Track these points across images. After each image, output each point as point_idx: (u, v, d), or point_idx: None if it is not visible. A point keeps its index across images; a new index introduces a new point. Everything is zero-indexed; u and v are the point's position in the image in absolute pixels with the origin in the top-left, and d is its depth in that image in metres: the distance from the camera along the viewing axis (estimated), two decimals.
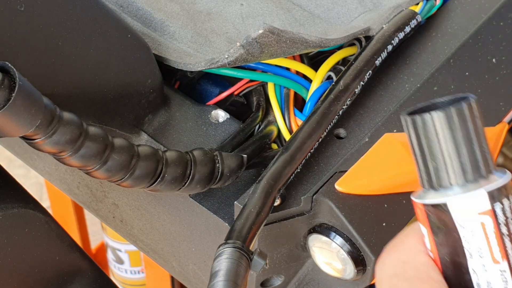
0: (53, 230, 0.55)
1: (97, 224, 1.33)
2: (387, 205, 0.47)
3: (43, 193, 1.61)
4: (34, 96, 0.38)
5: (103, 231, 1.27)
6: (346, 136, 0.50)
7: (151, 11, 0.54)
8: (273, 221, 0.46)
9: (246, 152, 0.49)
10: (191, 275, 0.55)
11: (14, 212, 0.51)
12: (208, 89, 0.55)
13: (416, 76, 0.53)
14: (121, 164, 0.42)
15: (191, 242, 0.52)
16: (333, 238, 0.46)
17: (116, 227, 0.59)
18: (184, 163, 0.45)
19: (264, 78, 0.53)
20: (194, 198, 0.49)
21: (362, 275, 0.47)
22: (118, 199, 0.56)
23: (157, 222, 0.54)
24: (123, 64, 0.48)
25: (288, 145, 0.47)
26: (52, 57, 0.44)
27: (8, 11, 0.40)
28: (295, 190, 0.47)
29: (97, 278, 0.59)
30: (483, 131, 0.33)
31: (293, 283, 0.51)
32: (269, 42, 0.47)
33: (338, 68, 0.55)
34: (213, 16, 0.56)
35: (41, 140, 0.39)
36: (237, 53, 0.47)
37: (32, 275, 0.54)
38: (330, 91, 0.50)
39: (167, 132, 0.52)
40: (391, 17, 0.55)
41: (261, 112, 0.53)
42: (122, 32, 0.48)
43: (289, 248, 0.48)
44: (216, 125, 0.52)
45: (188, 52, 0.52)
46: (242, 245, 0.41)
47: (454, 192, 0.33)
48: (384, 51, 0.53)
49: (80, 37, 0.45)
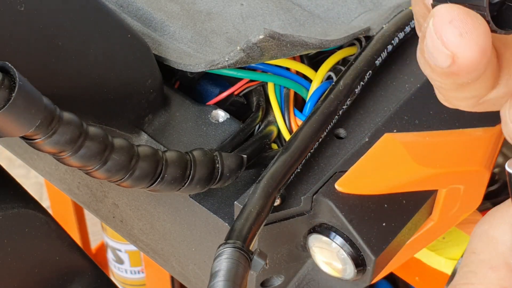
0: (53, 230, 0.55)
1: (97, 224, 1.33)
2: (387, 205, 0.47)
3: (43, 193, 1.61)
4: (34, 96, 0.38)
5: (103, 231, 1.27)
6: (346, 136, 0.50)
7: (151, 11, 0.54)
8: (273, 221, 0.46)
9: (246, 152, 0.49)
10: (191, 275, 0.55)
11: (14, 212, 0.51)
12: (208, 89, 0.55)
13: (416, 76, 0.53)
14: (121, 164, 0.42)
15: (191, 242, 0.52)
16: (333, 238, 0.46)
17: (116, 227, 0.59)
18: (184, 164, 0.45)
19: (264, 78, 0.53)
20: (194, 198, 0.49)
21: (362, 275, 0.47)
22: (118, 199, 0.56)
23: (157, 222, 0.54)
24: (123, 64, 0.48)
25: (288, 145, 0.47)
26: (52, 57, 0.44)
27: (8, 11, 0.40)
28: (295, 190, 0.47)
29: (97, 278, 0.59)
30: None
31: (293, 283, 0.51)
32: (269, 46, 0.47)
33: (338, 68, 0.55)
34: (213, 16, 0.56)
35: (41, 140, 0.39)
36: (237, 56, 0.47)
37: (32, 275, 0.54)
38: (330, 91, 0.50)
39: (167, 132, 0.52)
40: (391, 17, 0.55)
41: (261, 112, 0.53)
42: (122, 32, 0.48)
43: (289, 248, 0.48)
44: (216, 125, 0.52)
45: (188, 52, 0.52)
46: (242, 245, 0.41)
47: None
48: (384, 51, 0.53)
49: (80, 37, 0.45)
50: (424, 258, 0.67)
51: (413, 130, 0.50)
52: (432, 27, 0.30)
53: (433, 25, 0.30)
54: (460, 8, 0.29)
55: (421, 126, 0.51)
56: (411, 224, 0.48)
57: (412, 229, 0.49)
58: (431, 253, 0.67)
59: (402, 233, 0.47)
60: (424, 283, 0.70)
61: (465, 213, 0.55)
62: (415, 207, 0.48)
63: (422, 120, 0.51)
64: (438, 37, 0.30)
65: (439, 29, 0.30)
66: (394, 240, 0.46)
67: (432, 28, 0.30)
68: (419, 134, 0.50)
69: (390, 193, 0.47)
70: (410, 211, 0.48)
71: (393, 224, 0.47)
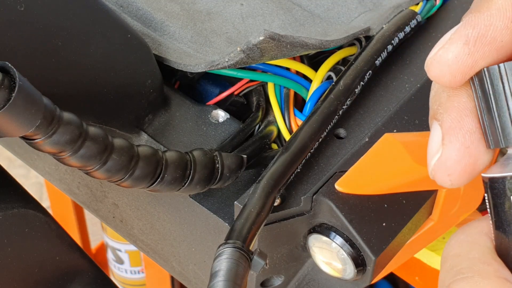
0: (53, 230, 0.55)
1: (97, 224, 1.34)
2: (387, 205, 0.47)
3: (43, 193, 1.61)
4: (34, 96, 0.38)
5: (103, 231, 1.27)
6: (346, 136, 0.50)
7: (151, 11, 0.54)
8: (273, 221, 0.46)
9: (246, 152, 0.49)
10: (191, 275, 0.55)
11: (14, 212, 0.51)
12: (208, 89, 0.55)
13: (416, 76, 0.53)
14: (121, 165, 0.42)
15: (191, 242, 0.52)
16: (333, 238, 0.46)
17: (116, 227, 0.59)
18: (184, 164, 0.45)
19: (264, 78, 0.53)
20: (194, 198, 0.49)
21: (362, 275, 0.47)
22: (118, 199, 0.56)
23: (157, 222, 0.54)
24: (123, 64, 0.48)
25: (288, 145, 0.47)
26: (52, 57, 0.44)
27: (8, 11, 0.40)
28: (295, 190, 0.47)
29: (97, 278, 0.59)
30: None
31: (293, 283, 0.51)
32: (269, 48, 0.47)
33: (338, 68, 0.55)
34: (213, 16, 0.56)
35: (41, 140, 0.39)
36: (237, 57, 0.47)
37: (32, 275, 0.54)
38: (330, 91, 0.50)
39: (167, 132, 0.52)
40: (391, 17, 0.55)
41: (261, 112, 0.53)
42: (122, 32, 0.48)
43: (289, 248, 0.48)
44: (216, 125, 0.52)
45: (188, 52, 0.52)
46: (242, 245, 0.41)
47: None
48: (384, 51, 0.53)
49: (80, 37, 0.45)
50: (424, 258, 0.67)
51: (413, 130, 0.50)
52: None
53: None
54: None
55: (421, 126, 0.51)
56: (411, 224, 0.48)
57: (412, 229, 0.49)
58: (431, 253, 0.67)
59: (402, 233, 0.47)
60: (424, 283, 0.70)
61: (465, 213, 0.55)
62: (415, 207, 0.48)
63: (422, 120, 0.51)
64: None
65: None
66: (394, 240, 0.46)
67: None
68: (419, 134, 0.50)
69: (390, 193, 0.47)
70: (410, 211, 0.48)
71: (393, 224, 0.47)
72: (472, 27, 0.31)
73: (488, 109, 0.32)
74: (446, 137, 0.33)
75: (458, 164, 0.33)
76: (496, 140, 0.32)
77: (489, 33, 0.31)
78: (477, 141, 0.33)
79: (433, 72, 0.33)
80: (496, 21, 0.31)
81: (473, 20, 0.31)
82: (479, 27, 0.31)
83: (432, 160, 0.33)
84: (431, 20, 0.57)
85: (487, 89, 0.31)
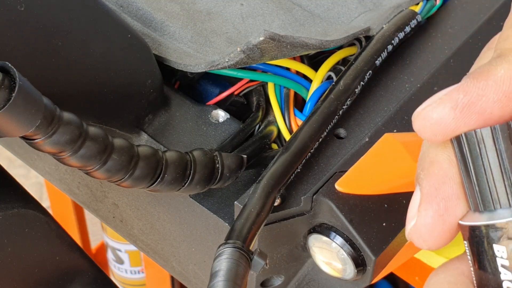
0: (53, 230, 0.55)
1: (97, 224, 1.33)
2: (387, 205, 0.47)
3: (43, 193, 1.61)
4: (34, 96, 0.38)
5: (103, 231, 1.27)
6: (346, 136, 0.50)
7: (151, 11, 0.54)
8: (273, 221, 0.46)
9: (246, 152, 0.49)
10: (191, 275, 0.55)
11: (14, 212, 0.51)
12: (208, 89, 0.55)
13: (416, 76, 0.53)
14: (121, 165, 0.42)
15: (191, 242, 0.52)
16: (333, 238, 0.46)
17: (116, 227, 0.59)
18: (184, 164, 0.45)
19: (264, 78, 0.53)
20: (194, 198, 0.49)
21: (362, 275, 0.47)
22: (118, 199, 0.56)
23: (157, 222, 0.54)
24: (123, 64, 0.48)
25: (288, 145, 0.47)
26: (52, 57, 0.44)
27: (8, 11, 0.40)
28: (295, 190, 0.47)
29: (97, 278, 0.59)
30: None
31: (293, 283, 0.51)
32: (269, 48, 0.47)
33: (338, 68, 0.55)
34: (213, 16, 0.56)
35: (41, 140, 0.39)
36: (237, 58, 0.47)
37: (32, 275, 0.54)
38: (330, 91, 0.50)
39: (167, 132, 0.52)
40: (391, 17, 0.55)
41: (261, 112, 0.53)
42: (122, 32, 0.48)
43: (289, 248, 0.48)
44: (216, 125, 0.52)
45: (188, 52, 0.52)
46: (242, 245, 0.41)
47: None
48: (384, 51, 0.53)
49: (80, 37, 0.45)
50: (424, 258, 0.67)
51: (413, 130, 0.50)
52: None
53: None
54: None
55: None
56: None
57: None
58: (431, 253, 0.67)
59: (402, 233, 0.47)
60: (424, 283, 0.70)
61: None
62: None
63: None
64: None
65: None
66: (394, 240, 0.46)
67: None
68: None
69: (390, 193, 0.47)
70: None
71: (393, 224, 0.47)
72: (464, 93, 0.31)
73: (467, 173, 0.32)
74: (422, 204, 0.33)
75: (432, 232, 0.33)
76: (475, 203, 0.32)
77: (479, 103, 0.31)
78: (453, 207, 0.33)
79: (416, 126, 0.33)
80: (489, 93, 0.31)
81: (467, 86, 0.31)
82: (471, 95, 0.31)
83: (408, 224, 0.34)
84: (431, 20, 0.57)
85: (465, 153, 0.32)
